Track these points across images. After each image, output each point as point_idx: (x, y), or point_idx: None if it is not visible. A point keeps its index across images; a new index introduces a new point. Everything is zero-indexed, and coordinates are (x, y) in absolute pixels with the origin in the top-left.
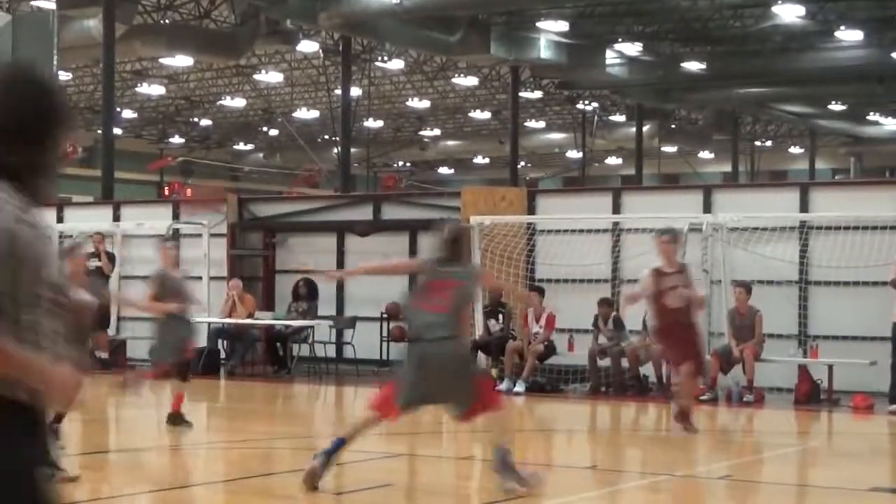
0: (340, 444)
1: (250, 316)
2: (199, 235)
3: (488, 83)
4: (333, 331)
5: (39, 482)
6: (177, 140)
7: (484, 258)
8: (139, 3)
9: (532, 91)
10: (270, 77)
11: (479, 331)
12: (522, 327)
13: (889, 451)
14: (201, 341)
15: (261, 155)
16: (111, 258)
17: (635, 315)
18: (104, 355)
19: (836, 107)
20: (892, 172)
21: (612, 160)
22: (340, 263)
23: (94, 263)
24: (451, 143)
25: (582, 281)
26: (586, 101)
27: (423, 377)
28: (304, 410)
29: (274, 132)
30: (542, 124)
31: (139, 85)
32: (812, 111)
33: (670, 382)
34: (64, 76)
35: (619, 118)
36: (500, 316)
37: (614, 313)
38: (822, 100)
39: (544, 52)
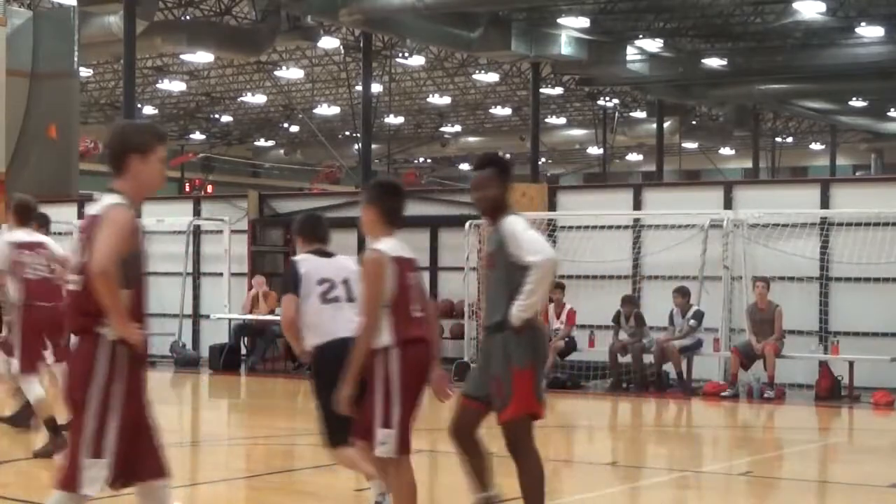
0: None
1: (271, 312)
2: (220, 232)
3: (509, 79)
4: None
5: None
6: (197, 136)
7: None
8: None
9: (553, 87)
10: (291, 73)
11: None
12: (543, 323)
13: None
14: (223, 338)
15: (281, 151)
16: None
17: (657, 312)
18: None
19: (856, 103)
20: None
21: (633, 156)
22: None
23: None
24: (471, 139)
25: (602, 277)
26: (607, 98)
27: None
28: None
29: (295, 128)
30: (562, 121)
31: (160, 81)
32: (833, 107)
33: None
34: (85, 72)
35: (640, 114)
36: None
37: (636, 310)
38: (842, 96)
39: (565, 48)
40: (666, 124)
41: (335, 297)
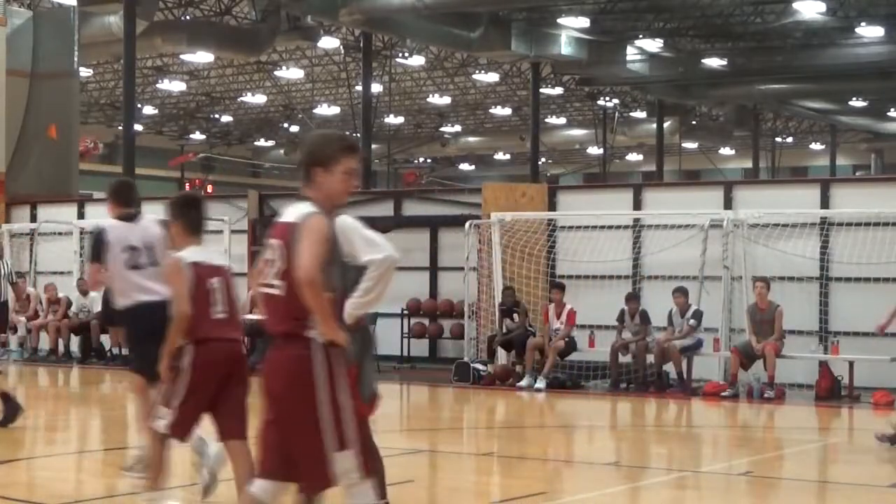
0: None
1: None
2: (220, 232)
3: (509, 79)
4: None
5: None
6: (197, 136)
7: (505, 254)
8: None
9: (553, 87)
10: (291, 73)
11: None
12: (543, 323)
13: None
14: None
15: (281, 151)
16: None
17: (657, 312)
18: (125, 351)
19: (856, 103)
20: None
21: (633, 156)
22: None
23: None
24: (471, 139)
25: (602, 277)
26: (607, 98)
27: None
28: None
29: (295, 128)
30: (562, 120)
31: (160, 81)
32: (833, 107)
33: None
34: (85, 72)
35: (640, 114)
36: (515, 315)
37: (640, 308)
38: (842, 96)
39: (565, 48)
40: (666, 124)
41: (138, 264)
